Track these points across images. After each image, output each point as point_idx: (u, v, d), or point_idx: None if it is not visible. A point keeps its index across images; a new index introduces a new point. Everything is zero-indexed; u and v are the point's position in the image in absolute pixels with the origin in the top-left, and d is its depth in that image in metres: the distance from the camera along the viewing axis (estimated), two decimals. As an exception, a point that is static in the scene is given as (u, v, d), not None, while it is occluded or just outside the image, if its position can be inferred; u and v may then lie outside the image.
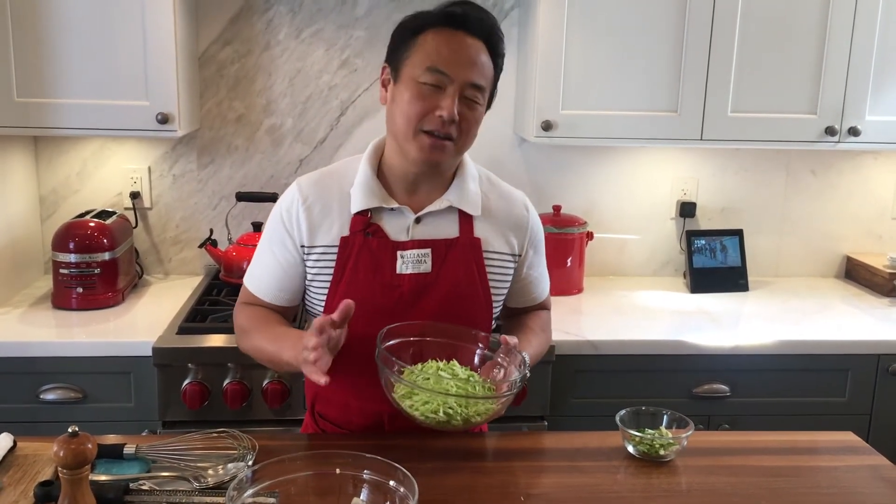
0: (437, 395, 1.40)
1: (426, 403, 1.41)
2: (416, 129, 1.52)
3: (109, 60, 2.34)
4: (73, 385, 2.22)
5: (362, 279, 1.59)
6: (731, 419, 2.38)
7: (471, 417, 1.42)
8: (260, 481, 1.27)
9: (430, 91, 1.51)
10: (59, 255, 2.42)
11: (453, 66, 1.50)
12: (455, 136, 1.53)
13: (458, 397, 1.40)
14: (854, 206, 3.02)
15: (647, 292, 2.81)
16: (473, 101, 1.53)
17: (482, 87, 1.54)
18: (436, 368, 1.48)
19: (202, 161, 2.79)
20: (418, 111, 1.51)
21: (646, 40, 2.47)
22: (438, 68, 1.50)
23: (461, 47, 1.51)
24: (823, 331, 2.47)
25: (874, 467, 1.55)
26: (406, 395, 1.43)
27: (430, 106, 1.51)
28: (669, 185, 2.94)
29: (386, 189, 1.62)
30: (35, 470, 1.41)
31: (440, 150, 1.53)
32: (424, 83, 1.50)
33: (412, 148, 1.54)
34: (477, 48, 1.53)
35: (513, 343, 1.52)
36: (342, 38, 2.74)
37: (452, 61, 1.50)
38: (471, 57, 1.52)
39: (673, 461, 1.54)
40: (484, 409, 1.42)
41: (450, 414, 1.40)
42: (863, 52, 2.53)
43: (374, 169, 1.63)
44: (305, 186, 1.63)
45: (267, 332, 1.61)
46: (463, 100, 1.52)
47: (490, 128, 2.79)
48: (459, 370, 1.49)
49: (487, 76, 1.55)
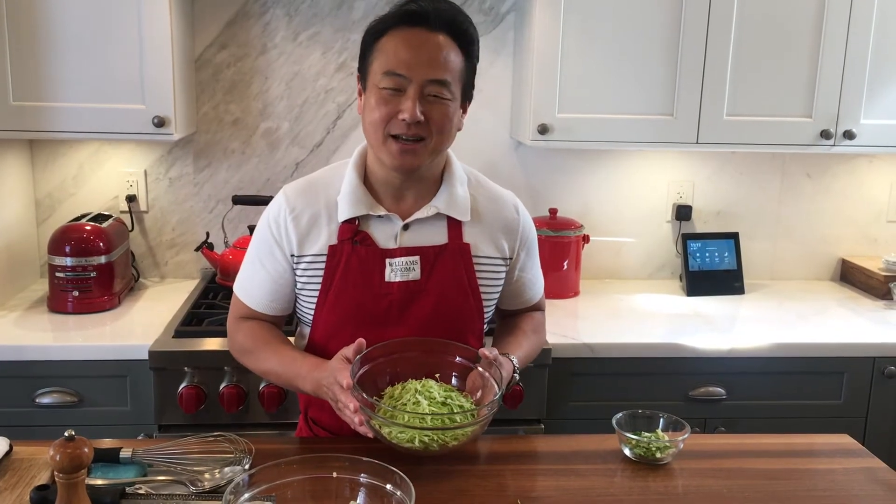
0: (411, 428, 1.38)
1: (402, 433, 1.39)
2: (384, 135, 1.51)
3: (106, 64, 2.34)
4: (68, 389, 2.21)
5: (351, 288, 1.58)
6: (727, 422, 2.38)
7: (448, 443, 1.40)
8: (256, 485, 1.27)
9: (391, 95, 1.49)
10: (55, 258, 2.41)
11: (410, 67, 1.47)
12: (426, 135, 1.51)
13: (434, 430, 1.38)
14: (849, 209, 3.02)
15: (643, 295, 2.81)
16: (438, 96, 1.50)
17: (445, 81, 1.49)
18: (413, 391, 1.46)
19: (198, 164, 2.79)
20: (382, 116, 1.49)
21: (642, 44, 2.48)
22: (395, 71, 1.48)
23: (419, 45, 1.48)
24: (819, 334, 2.48)
25: (870, 470, 1.55)
26: (384, 425, 1.40)
27: (393, 110, 1.49)
28: (665, 188, 2.94)
29: (373, 196, 1.61)
30: (31, 474, 1.41)
31: (412, 154, 1.52)
32: (384, 88, 1.49)
33: (384, 155, 1.53)
34: (437, 42, 1.49)
35: (492, 356, 1.50)
36: (339, 42, 2.74)
37: (409, 62, 1.47)
38: (429, 54, 1.48)
39: (669, 464, 1.54)
40: (461, 433, 1.41)
41: (426, 442, 1.39)
42: (858, 55, 2.54)
43: (360, 176, 1.61)
44: (292, 196, 1.62)
45: (275, 355, 1.61)
46: (426, 98, 1.49)
47: (486, 131, 2.82)
48: (436, 391, 1.46)
49: (452, 69, 1.51)
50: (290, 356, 1.59)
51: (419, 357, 1.54)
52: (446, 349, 1.56)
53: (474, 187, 1.68)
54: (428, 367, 1.53)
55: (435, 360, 1.55)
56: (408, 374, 1.52)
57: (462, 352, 1.56)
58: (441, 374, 1.54)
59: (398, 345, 1.53)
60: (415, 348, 1.54)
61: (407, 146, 1.50)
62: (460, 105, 1.57)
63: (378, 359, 1.51)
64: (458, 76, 1.53)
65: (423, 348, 1.55)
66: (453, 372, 1.55)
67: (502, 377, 1.48)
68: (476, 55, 1.57)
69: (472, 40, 1.55)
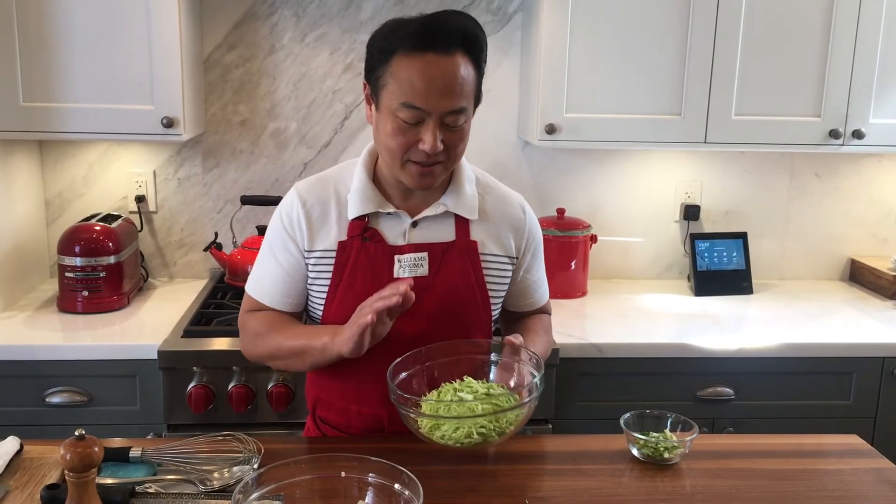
0: (465, 420, 1.38)
1: (457, 430, 1.39)
2: (403, 160, 1.51)
3: (114, 65, 2.35)
4: (78, 388, 2.23)
5: (360, 283, 1.59)
6: (735, 422, 2.38)
7: (504, 429, 1.40)
8: (265, 484, 1.27)
9: (410, 126, 1.48)
10: (64, 258, 2.43)
11: (428, 100, 1.44)
12: (444, 159, 1.52)
13: (487, 416, 1.38)
14: (858, 208, 3.01)
15: (650, 295, 2.81)
16: (455, 125, 1.49)
17: (463, 108, 1.48)
18: (453, 391, 1.46)
19: (207, 165, 2.80)
20: (401, 145, 1.49)
21: (649, 43, 2.48)
22: (414, 104, 1.45)
23: (434, 74, 1.44)
24: (828, 334, 2.47)
25: (879, 470, 1.55)
26: (434, 428, 1.40)
27: (412, 140, 1.48)
28: (673, 188, 2.94)
29: (382, 193, 1.62)
30: (41, 473, 1.42)
31: (430, 176, 1.53)
32: (403, 119, 1.47)
33: (403, 176, 1.54)
34: (451, 66, 1.45)
35: (518, 342, 1.52)
36: (346, 42, 2.75)
37: (427, 94, 1.44)
38: (446, 83, 1.45)
39: (677, 464, 1.54)
40: (514, 417, 1.41)
41: (483, 433, 1.39)
42: (867, 54, 2.53)
43: (369, 174, 1.63)
44: (304, 191, 1.64)
45: (292, 329, 1.62)
46: (445, 127, 1.48)
47: (494, 131, 2.83)
48: (477, 385, 1.47)
49: (468, 92, 1.49)
50: (311, 327, 1.62)
51: (449, 361, 1.54)
52: (476, 348, 1.57)
53: (482, 186, 1.69)
54: (460, 368, 1.53)
55: (465, 361, 1.55)
56: (442, 379, 1.51)
57: (490, 347, 1.56)
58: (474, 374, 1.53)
59: (427, 352, 1.53)
60: (443, 353, 1.54)
61: (426, 170, 1.52)
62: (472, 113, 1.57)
63: (411, 367, 1.51)
64: (472, 93, 1.51)
65: (451, 351, 1.55)
66: (486, 368, 1.55)
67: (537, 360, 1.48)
68: (485, 59, 1.55)
69: (482, 46, 1.53)
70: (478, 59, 1.52)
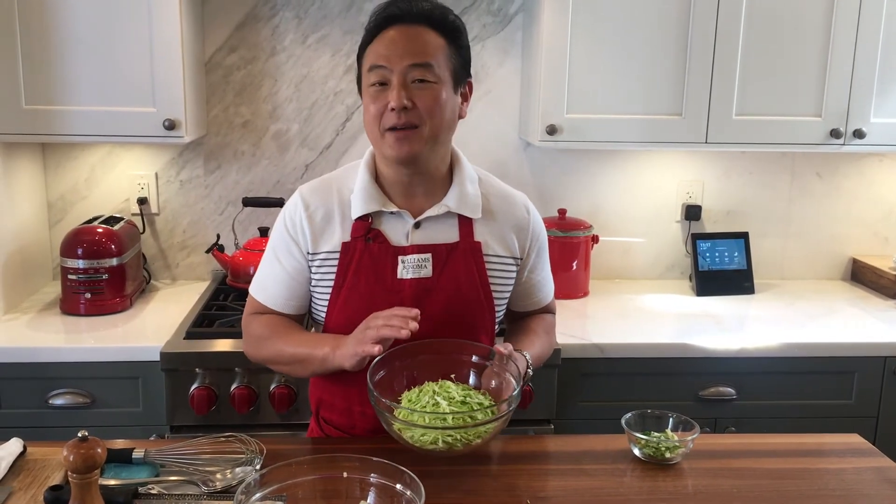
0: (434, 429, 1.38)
1: (424, 435, 1.39)
2: (381, 130, 1.54)
3: (116, 67, 2.35)
4: (81, 390, 2.23)
5: (364, 284, 1.60)
6: (736, 422, 2.38)
7: (472, 441, 1.40)
8: (268, 485, 1.28)
9: (379, 90, 1.53)
10: (67, 260, 2.43)
11: (389, 58, 1.52)
12: (418, 122, 1.52)
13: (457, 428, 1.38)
14: (859, 208, 3.01)
15: (652, 295, 2.81)
16: (423, 80, 1.52)
17: (426, 63, 1.52)
18: (431, 392, 1.46)
19: (209, 167, 2.80)
20: (375, 112, 1.54)
21: (650, 44, 2.48)
22: (376, 63, 1.53)
23: (396, 38, 1.53)
24: (829, 333, 2.47)
25: (880, 469, 1.55)
26: (406, 428, 1.40)
27: (382, 104, 1.53)
28: (674, 188, 2.94)
29: (385, 194, 1.63)
30: (45, 474, 1.42)
31: (406, 141, 1.53)
32: (372, 84, 1.53)
33: (384, 149, 1.56)
34: (414, 32, 1.53)
35: (507, 352, 1.50)
36: (348, 44, 2.75)
37: (388, 53, 1.52)
38: (407, 43, 1.52)
39: (679, 464, 1.54)
40: (484, 430, 1.40)
41: (449, 442, 1.39)
42: (867, 54, 2.53)
43: (372, 174, 1.64)
44: (307, 194, 1.65)
45: (294, 336, 1.62)
46: (411, 85, 1.52)
47: (495, 131, 2.83)
48: (454, 390, 1.46)
49: (433, 52, 1.53)
50: (313, 335, 1.63)
51: (434, 359, 1.54)
52: (461, 349, 1.56)
53: (485, 186, 1.70)
54: (443, 367, 1.53)
55: (450, 360, 1.55)
56: (424, 377, 1.51)
57: (477, 350, 1.56)
58: (457, 374, 1.54)
59: (413, 348, 1.52)
60: (429, 350, 1.54)
61: (400, 134, 1.53)
62: (455, 91, 1.58)
63: (394, 362, 1.51)
64: (443, 60, 1.54)
65: (438, 350, 1.54)
66: (469, 371, 1.55)
67: (519, 372, 1.49)
68: (463, 42, 1.59)
69: (455, 27, 1.58)
70: (450, 35, 1.57)
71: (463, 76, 1.60)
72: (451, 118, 1.58)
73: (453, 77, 1.57)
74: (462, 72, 1.59)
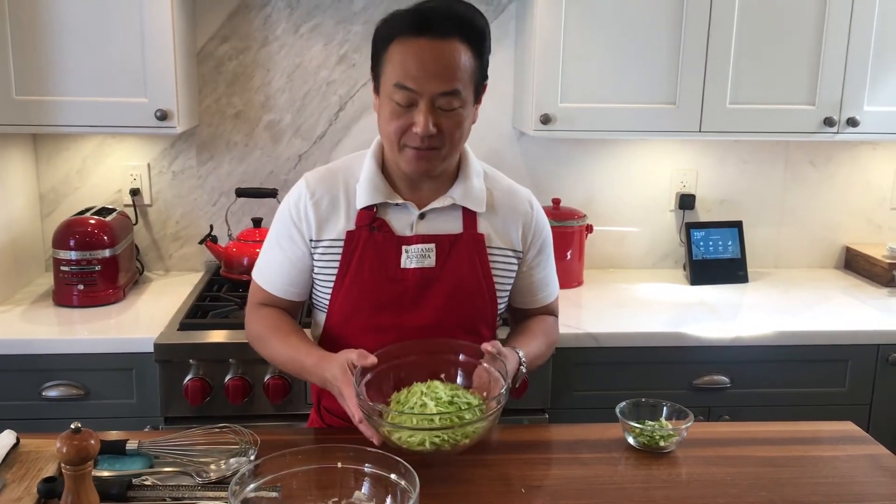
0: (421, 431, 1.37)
1: (412, 437, 1.38)
2: (399, 144, 1.53)
3: (108, 57, 2.34)
4: (75, 382, 2.23)
5: (367, 273, 1.60)
6: (731, 410, 2.39)
7: (459, 441, 1.38)
8: (262, 476, 1.27)
9: (404, 109, 1.49)
10: (59, 252, 2.42)
11: (419, 81, 1.46)
12: (440, 145, 1.52)
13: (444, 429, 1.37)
14: (853, 196, 3.02)
15: (646, 284, 2.81)
16: (448, 108, 1.50)
17: (456, 91, 1.49)
18: (419, 393, 1.44)
19: (201, 157, 2.79)
20: (395, 129, 1.51)
21: (644, 32, 2.47)
22: (405, 85, 1.47)
23: (427, 57, 1.46)
24: (823, 321, 2.48)
25: (874, 457, 1.55)
26: (394, 430, 1.39)
27: (406, 123, 1.50)
28: (668, 177, 2.94)
29: (390, 185, 1.63)
30: (38, 466, 1.42)
31: (426, 160, 1.53)
32: (396, 102, 1.49)
33: (401, 161, 1.55)
34: (446, 50, 1.47)
35: (494, 350, 1.49)
36: (340, 34, 2.74)
37: (418, 75, 1.46)
38: (437, 66, 1.46)
39: (673, 452, 1.55)
40: (472, 430, 1.38)
41: (437, 443, 1.38)
42: (861, 42, 2.53)
43: (378, 165, 1.63)
44: (313, 181, 1.65)
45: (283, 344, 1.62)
46: (437, 110, 1.49)
47: (489, 122, 2.82)
48: (442, 391, 1.44)
49: (462, 76, 1.49)
50: (296, 346, 1.60)
51: (422, 359, 1.52)
52: (449, 348, 1.55)
53: (490, 180, 1.70)
54: (432, 368, 1.52)
55: (438, 360, 1.53)
56: (412, 378, 1.50)
57: (465, 349, 1.54)
58: (446, 374, 1.52)
59: (399, 349, 1.51)
60: (417, 350, 1.53)
61: (422, 153, 1.52)
62: (474, 102, 1.57)
63: (380, 365, 1.49)
64: (469, 79, 1.51)
65: (425, 350, 1.53)
66: (458, 370, 1.54)
67: (507, 370, 1.48)
68: (488, 48, 1.56)
69: (483, 36, 1.54)
70: (477, 46, 1.52)
71: (481, 83, 1.57)
72: (468, 131, 1.58)
73: (475, 91, 1.55)
74: (481, 80, 1.57)
